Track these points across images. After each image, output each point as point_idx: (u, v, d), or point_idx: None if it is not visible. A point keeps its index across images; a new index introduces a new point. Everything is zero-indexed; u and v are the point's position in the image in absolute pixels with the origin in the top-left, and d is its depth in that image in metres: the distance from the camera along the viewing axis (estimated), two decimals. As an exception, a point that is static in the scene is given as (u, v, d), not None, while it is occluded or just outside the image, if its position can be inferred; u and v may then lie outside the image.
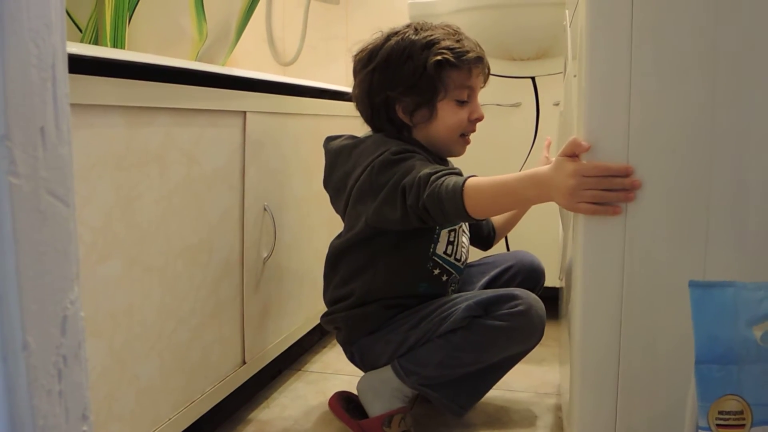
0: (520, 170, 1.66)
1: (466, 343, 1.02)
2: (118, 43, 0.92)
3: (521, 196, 0.91)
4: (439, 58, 1.06)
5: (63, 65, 0.38)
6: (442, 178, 0.94)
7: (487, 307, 1.03)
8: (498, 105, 1.69)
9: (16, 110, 0.34)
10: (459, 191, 0.91)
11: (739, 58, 0.72)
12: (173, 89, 0.91)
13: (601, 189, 0.74)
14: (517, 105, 1.69)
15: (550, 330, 1.50)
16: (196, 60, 1.08)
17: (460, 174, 0.98)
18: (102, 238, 0.80)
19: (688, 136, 0.74)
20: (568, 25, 1.03)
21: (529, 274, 1.22)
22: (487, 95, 1.68)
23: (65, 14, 0.38)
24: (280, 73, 2.10)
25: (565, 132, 1.03)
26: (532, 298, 1.04)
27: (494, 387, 1.32)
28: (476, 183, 0.92)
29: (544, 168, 0.84)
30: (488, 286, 1.22)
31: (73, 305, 0.38)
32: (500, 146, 1.68)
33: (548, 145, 1.27)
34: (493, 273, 1.24)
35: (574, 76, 0.92)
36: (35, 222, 0.35)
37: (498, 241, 1.32)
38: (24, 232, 0.34)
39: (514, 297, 1.03)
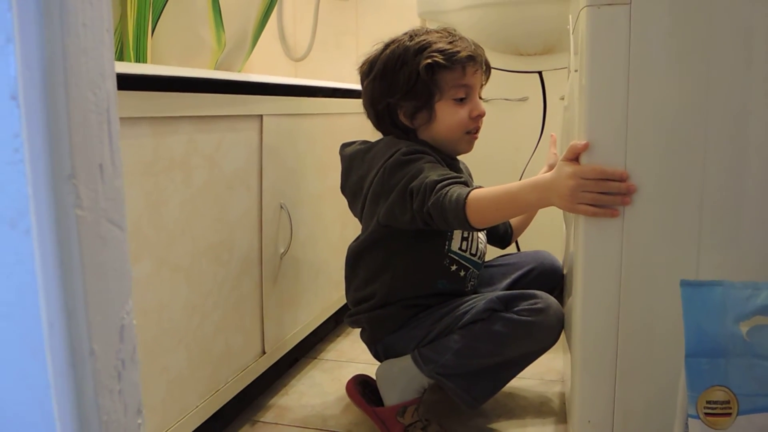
0: (527, 164, 1.71)
1: (486, 333, 1.06)
2: (140, 55, 0.97)
3: (523, 202, 0.95)
4: (429, 61, 1.10)
5: (115, 107, 0.43)
6: (447, 188, 0.98)
7: (507, 303, 1.07)
8: (506, 99, 1.73)
9: (79, 152, 0.39)
10: (462, 204, 0.95)
11: (733, 64, 0.77)
12: (195, 98, 0.96)
13: (598, 192, 0.79)
14: (524, 99, 1.73)
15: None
16: (215, 68, 1.14)
17: (465, 183, 1.02)
18: (134, 242, 0.86)
19: (682, 140, 0.78)
20: (571, 31, 1.07)
21: (550, 276, 1.25)
22: (494, 90, 1.73)
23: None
24: (291, 68, 2.14)
25: (569, 126, 1.07)
26: (552, 300, 1.09)
27: (502, 374, 1.38)
28: (479, 195, 0.96)
29: (545, 174, 0.88)
30: (510, 288, 1.25)
31: (129, 315, 0.44)
32: (508, 140, 1.72)
33: (554, 142, 1.31)
34: (514, 276, 1.27)
35: (575, 71, 0.96)
36: (97, 246, 0.41)
37: (515, 239, 1.36)
38: (89, 255, 0.40)
39: (534, 296, 1.08)
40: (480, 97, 1.18)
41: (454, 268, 1.15)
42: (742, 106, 0.77)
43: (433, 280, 1.15)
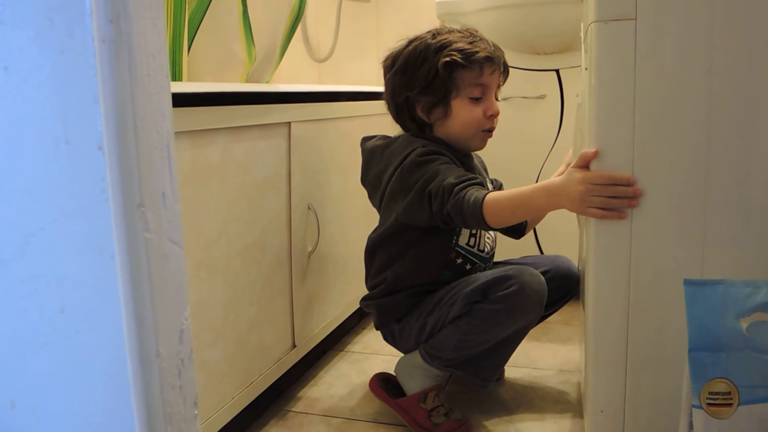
0: (545, 160, 1.75)
1: (471, 327, 1.12)
2: (176, 72, 1.04)
3: (535, 205, 1.00)
4: (447, 59, 1.15)
5: (173, 142, 0.49)
6: (465, 191, 1.04)
7: (484, 291, 1.12)
8: (524, 97, 1.78)
9: (146, 184, 0.46)
10: (479, 206, 1.01)
11: (735, 73, 0.81)
12: (228, 111, 1.03)
13: (607, 196, 0.85)
14: (542, 97, 1.77)
15: (574, 311, 1.61)
16: (246, 80, 1.20)
17: (481, 184, 1.08)
18: (175, 246, 0.93)
19: (687, 147, 0.83)
20: (582, 39, 1.11)
21: (564, 280, 1.28)
22: (513, 88, 1.78)
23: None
24: (315, 69, 2.21)
25: (582, 122, 1.11)
26: (527, 274, 1.11)
27: (522, 365, 1.44)
28: (494, 198, 1.01)
29: (556, 179, 0.94)
30: None
31: (187, 321, 0.51)
32: (526, 137, 1.77)
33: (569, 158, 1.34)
34: None
35: (586, 68, 1.01)
36: (162, 263, 0.47)
37: (529, 230, 1.41)
38: (155, 271, 0.46)
39: (508, 278, 1.10)
40: (496, 98, 1.23)
41: (459, 261, 1.21)
42: (744, 113, 0.82)
43: (438, 271, 1.21)
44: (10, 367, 0.40)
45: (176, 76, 1.07)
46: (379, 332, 1.30)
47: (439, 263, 1.21)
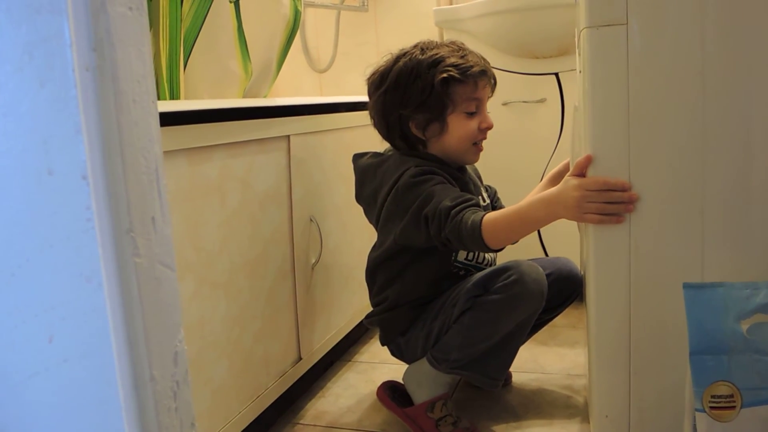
0: (547, 164, 1.75)
1: (476, 321, 1.12)
2: (174, 89, 1.05)
3: (533, 219, 1.00)
4: (444, 75, 1.14)
5: (162, 166, 0.50)
6: (461, 213, 1.04)
7: (485, 284, 1.12)
8: (524, 102, 1.78)
9: (135, 209, 0.46)
10: (477, 229, 1.01)
11: (725, 76, 0.81)
12: (226, 126, 1.03)
13: (602, 202, 0.85)
14: (542, 101, 1.77)
15: (581, 314, 1.60)
16: (243, 95, 1.21)
17: (477, 205, 1.08)
18: (176, 263, 0.93)
19: (682, 150, 0.83)
20: (577, 44, 1.11)
21: (566, 283, 1.27)
22: (513, 92, 1.78)
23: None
24: (316, 79, 2.22)
25: (579, 126, 1.11)
26: (525, 265, 1.11)
27: (530, 370, 1.44)
28: (492, 219, 1.01)
29: (552, 189, 0.94)
30: None
31: (181, 343, 0.51)
32: (527, 141, 1.77)
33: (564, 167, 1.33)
34: None
35: (580, 71, 1.01)
36: (153, 287, 0.48)
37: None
38: (146, 295, 0.47)
39: (506, 269, 1.11)
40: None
41: (460, 273, 1.21)
42: (738, 114, 0.81)
43: (438, 284, 1.21)
44: (0, 397, 0.41)
45: (174, 94, 1.07)
46: (385, 345, 1.30)
47: (440, 278, 1.21)
